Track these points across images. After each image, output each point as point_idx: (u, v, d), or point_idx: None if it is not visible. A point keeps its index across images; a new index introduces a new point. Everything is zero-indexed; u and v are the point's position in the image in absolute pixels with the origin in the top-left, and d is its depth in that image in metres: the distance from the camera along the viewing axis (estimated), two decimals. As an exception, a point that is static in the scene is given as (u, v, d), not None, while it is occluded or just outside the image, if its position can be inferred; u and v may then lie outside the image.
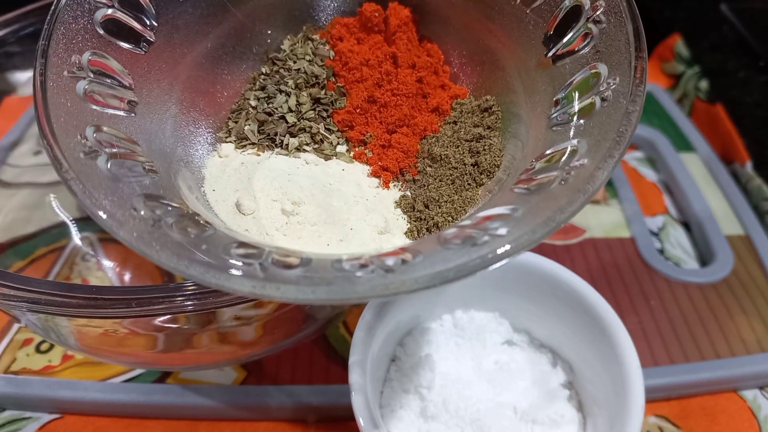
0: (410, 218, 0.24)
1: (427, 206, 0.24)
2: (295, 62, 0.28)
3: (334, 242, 0.23)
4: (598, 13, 0.22)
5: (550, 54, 0.24)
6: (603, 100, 0.21)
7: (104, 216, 0.18)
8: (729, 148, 0.49)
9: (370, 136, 0.26)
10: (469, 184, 0.24)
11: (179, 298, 0.22)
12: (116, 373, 0.32)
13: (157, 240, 0.18)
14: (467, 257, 0.17)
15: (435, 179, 0.25)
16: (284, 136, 0.26)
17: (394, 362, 0.30)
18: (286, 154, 0.26)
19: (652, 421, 0.32)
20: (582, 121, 0.21)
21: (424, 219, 0.23)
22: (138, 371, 0.33)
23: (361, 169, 0.26)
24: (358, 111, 0.27)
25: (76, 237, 0.39)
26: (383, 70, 0.27)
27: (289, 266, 0.18)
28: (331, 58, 0.28)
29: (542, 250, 0.41)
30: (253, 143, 0.27)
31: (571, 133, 0.21)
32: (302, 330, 0.29)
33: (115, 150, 0.21)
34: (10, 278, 0.23)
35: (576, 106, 0.22)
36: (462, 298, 0.31)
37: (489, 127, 0.26)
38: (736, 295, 0.38)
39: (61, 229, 0.39)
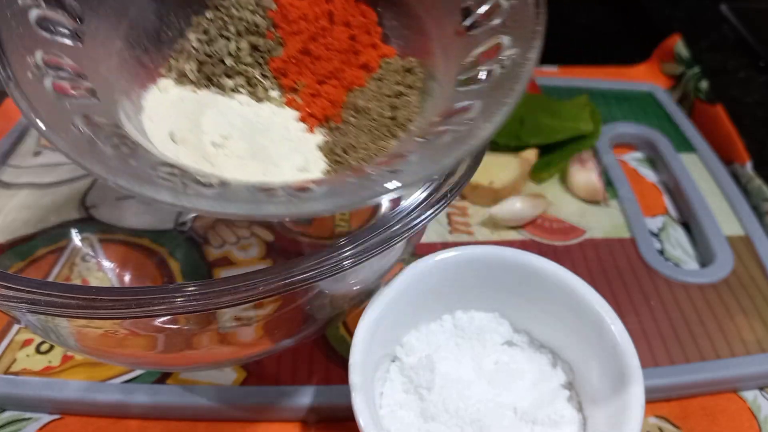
0: (329, 161, 0.26)
1: (345, 152, 0.26)
2: (238, 11, 0.29)
3: (257, 175, 0.25)
4: None
5: (466, 23, 0.27)
6: (502, 67, 0.24)
7: (45, 128, 0.20)
8: (729, 148, 0.49)
9: (302, 84, 0.28)
10: (385, 135, 0.26)
11: (179, 299, 0.22)
12: (116, 374, 0.32)
13: (92, 153, 0.20)
14: (362, 191, 0.21)
15: (355, 128, 0.27)
16: (221, 77, 0.28)
17: (394, 362, 0.30)
18: (222, 94, 0.28)
19: (652, 422, 0.32)
20: (480, 85, 0.24)
21: (342, 163, 0.26)
22: (138, 372, 0.33)
23: (290, 114, 0.28)
24: (292, 61, 0.28)
25: (76, 238, 0.39)
26: (319, 26, 0.28)
27: (208, 185, 0.21)
28: (273, 10, 0.30)
29: (542, 250, 0.41)
30: (192, 81, 0.28)
31: (471, 94, 0.25)
32: (302, 330, 0.29)
33: (61, 74, 0.23)
34: (10, 279, 0.22)
35: (479, 72, 0.25)
36: (462, 299, 0.31)
37: (409, 86, 0.28)
38: (736, 295, 0.38)
39: (61, 229, 0.39)
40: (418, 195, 0.26)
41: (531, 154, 0.45)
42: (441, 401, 0.27)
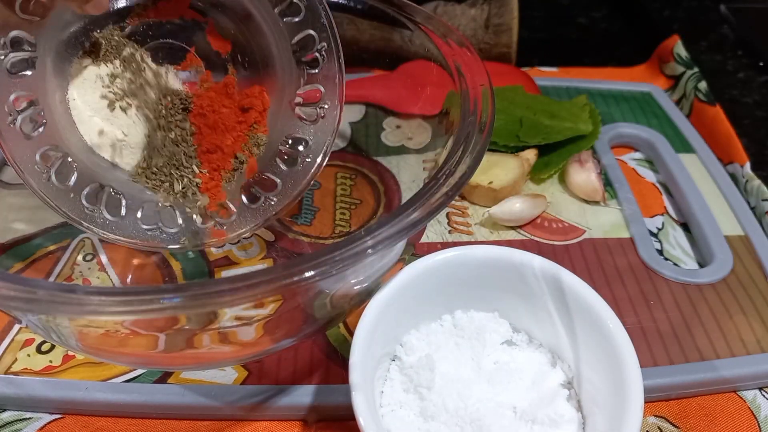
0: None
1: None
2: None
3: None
4: (321, 49, 0.34)
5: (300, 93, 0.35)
6: (320, 113, 0.35)
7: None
8: (728, 148, 0.49)
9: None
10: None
11: (180, 299, 0.22)
12: (117, 374, 0.33)
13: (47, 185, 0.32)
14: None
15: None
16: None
17: (394, 362, 0.30)
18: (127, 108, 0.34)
19: (651, 421, 0.32)
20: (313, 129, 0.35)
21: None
22: (139, 372, 0.33)
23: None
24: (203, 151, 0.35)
25: (77, 238, 0.39)
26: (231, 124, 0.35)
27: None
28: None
29: (541, 250, 0.41)
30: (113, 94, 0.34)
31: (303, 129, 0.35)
32: (302, 330, 0.29)
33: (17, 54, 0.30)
34: (11, 279, 0.23)
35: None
36: (462, 298, 0.31)
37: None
38: (736, 295, 0.38)
39: (62, 229, 0.39)
40: (418, 194, 0.26)
41: (530, 155, 0.45)
42: (441, 400, 0.27)
